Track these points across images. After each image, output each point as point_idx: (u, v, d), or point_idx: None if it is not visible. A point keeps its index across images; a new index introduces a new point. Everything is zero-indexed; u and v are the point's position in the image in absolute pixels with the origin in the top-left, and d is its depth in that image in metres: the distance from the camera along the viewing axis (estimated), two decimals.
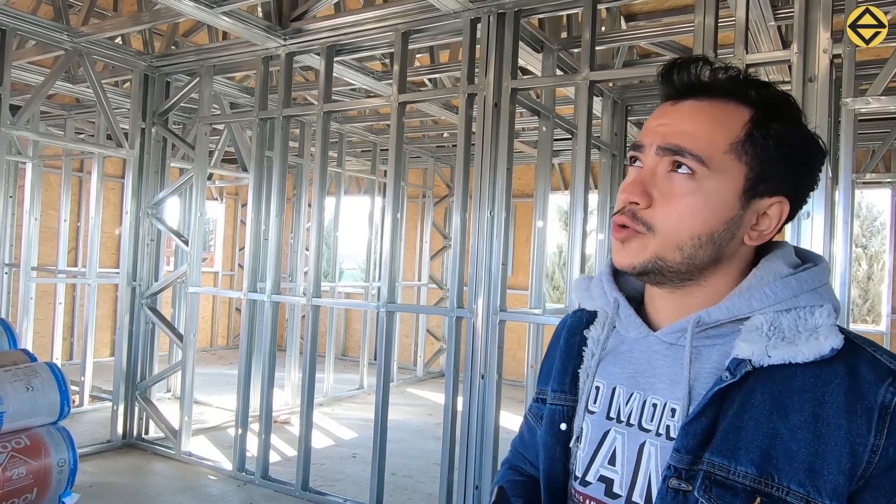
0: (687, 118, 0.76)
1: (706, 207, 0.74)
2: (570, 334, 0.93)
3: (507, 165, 3.35)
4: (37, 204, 5.73)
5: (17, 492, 3.20)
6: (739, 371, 0.71)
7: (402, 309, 3.95)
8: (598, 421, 0.83)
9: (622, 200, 0.77)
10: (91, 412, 5.56)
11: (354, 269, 11.54)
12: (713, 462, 0.70)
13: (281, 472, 4.18)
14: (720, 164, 0.73)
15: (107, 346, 7.76)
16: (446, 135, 7.23)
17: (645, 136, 0.78)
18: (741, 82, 0.76)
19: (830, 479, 0.65)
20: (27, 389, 3.33)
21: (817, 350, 0.68)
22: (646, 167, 0.77)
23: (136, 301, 4.84)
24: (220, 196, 9.77)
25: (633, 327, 0.84)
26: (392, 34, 3.74)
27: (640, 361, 0.82)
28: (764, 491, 0.67)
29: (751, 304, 0.74)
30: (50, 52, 4.51)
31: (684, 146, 0.74)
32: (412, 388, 7.49)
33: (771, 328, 0.71)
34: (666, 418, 0.76)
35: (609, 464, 0.80)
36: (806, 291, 0.74)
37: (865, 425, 0.65)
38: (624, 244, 0.77)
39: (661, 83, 0.80)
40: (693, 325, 0.76)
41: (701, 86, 0.76)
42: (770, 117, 0.75)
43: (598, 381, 0.85)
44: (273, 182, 4.23)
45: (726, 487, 0.68)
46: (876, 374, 0.68)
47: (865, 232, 10.60)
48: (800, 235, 2.68)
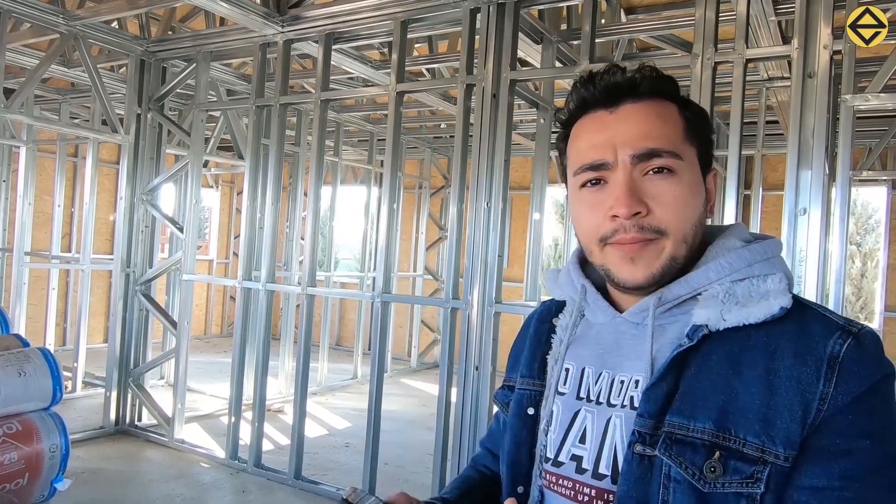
0: (638, 121, 0.78)
1: (691, 195, 0.78)
2: (540, 322, 0.95)
3: (505, 157, 3.33)
4: (31, 188, 5.69)
5: (9, 477, 3.20)
6: (697, 335, 0.74)
7: (398, 299, 3.95)
8: (568, 402, 0.84)
9: (624, 214, 0.76)
10: (84, 398, 5.55)
11: (350, 259, 11.53)
12: (673, 423, 0.72)
13: (274, 461, 4.18)
14: (684, 153, 0.78)
15: (100, 333, 7.73)
16: (443, 125, 7.21)
17: (602, 151, 0.78)
18: (660, 79, 0.80)
19: (783, 427, 0.68)
20: (19, 374, 3.32)
21: (767, 310, 0.72)
22: (621, 179, 0.77)
23: (129, 288, 4.82)
24: (216, 183, 9.73)
25: (600, 311, 0.86)
26: (391, 23, 3.71)
27: (608, 342, 0.84)
28: (722, 444, 0.69)
29: (708, 275, 0.77)
30: (45, 35, 4.46)
31: (657, 147, 0.76)
32: (406, 379, 7.50)
33: (726, 295, 0.75)
34: (630, 390, 0.78)
35: (580, 442, 0.81)
36: (759, 261, 0.77)
37: (815, 374, 0.68)
38: (635, 259, 0.77)
39: (591, 92, 0.80)
40: (655, 301, 0.78)
41: (631, 89, 0.79)
42: (685, 104, 0.82)
43: (567, 364, 0.87)
44: (269, 170, 4.21)
45: (686, 444, 0.71)
46: (825, 328, 0.71)
47: (860, 230, 10.64)
48: (796, 232, 2.68)
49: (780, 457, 0.67)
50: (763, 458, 0.67)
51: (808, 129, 2.67)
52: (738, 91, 2.81)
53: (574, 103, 0.83)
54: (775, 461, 0.67)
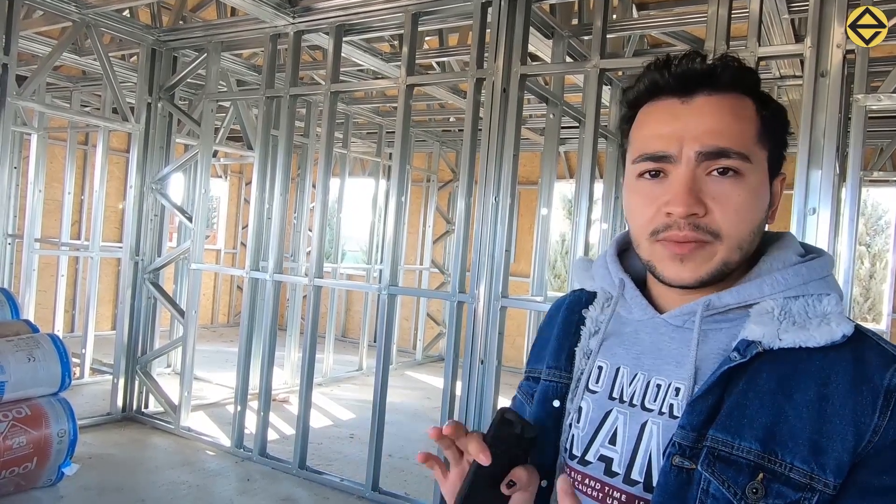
0: (711, 116, 0.73)
1: (756, 200, 0.74)
2: (570, 312, 0.92)
3: (514, 152, 3.33)
4: (41, 176, 5.73)
5: (18, 461, 3.24)
6: (749, 352, 0.71)
7: (404, 292, 3.95)
8: (599, 401, 0.82)
9: (680, 214, 0.72)
10: (91, 385, 5.60)
11: (357, 251, 11.55)
12: (717, 438, 0.70)
13: (279, 450, 4.21)
14: (754, 155, 0.74)
15: (108, 320, 7.79)
16: (452, 119, 7.20)
17: (667, 143, 0.74)
18: (741, 71, 0.75)
19: (835, 456, 0.66)
20: (29, 360, 3.36)
21: (829, 335, 0.69)
22: (683, 175, 0.72)
23: (138, 276, 4.85)
24: (225, 174, 9.76)
25: (638, 308, 0.83)
26: (402, 15, 3.71)
27: (646, 343, 0.81)
28: (767, 467, 0.67)
29: (762, 289, 0.74)
30: (57, 23, 4.48)
31: (727, 146, 0.72)
32: (411, 372, 7.52)
33: (782, 312, 0.72)
34: (670, 398, 0.76)
35: (609, 443, 0.79)
36: (815, 279, 0.75)
37: (871, 406, 0.66)
38: (685, 259, 0.73)
39: (665, 77, 0.75)
40: (703, 307, 0.76)
41: (709, 80, 0.74)
42: (763, 102, 0.76)
43: (601, 361, 0.84)
44: (278, 161, 4.22)
45: (729, 463, 0.69)
46: (882, 360, 0.69)
47: (869, 230, 10.57)
48: (805, 232, 2.66)
49: (829, 485, 0.65)
50: (811, 486, 0.66)
51: (819, 129, 2.65)
52: None
53: (645, 85, 0.78)
54: (824, 489, 0.65)
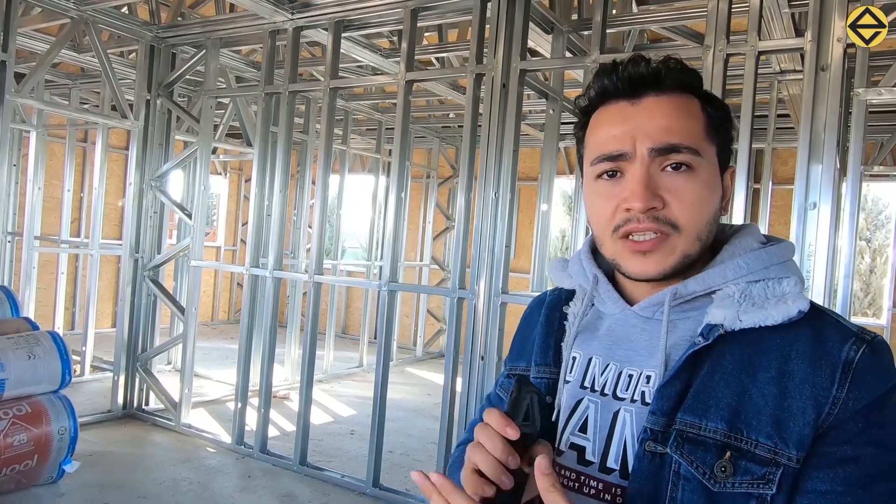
0: (660, 114, 0.76)
1: (709, 192, 0.78)
2: (551, 310, 0.94)
3: (514, 147, 3.32)
4: (41, 173, 5.73)
5: (18, 458, 3.24)
6: (712, 335, 0.74)
7: (404, 288, 3.95)
8: (571, 390, 0.84)
9: (639, 209, 0.75)
10: (92, 382, 5.60)
11: (357, 248, 11.55)
12: (685, 421, 0.72)
13: (279, 447, 4.21)
14: (704, 150, 0.77)
15: (108, 317, 7.79)
16: (452, 115, 7.19)
17: (621, 143, 0.77)
18: (685, 73, 0.79)
19: (796, 430, 0.68)
20: (29, 357, 3.35)
21: (785, 312, 0.72)
22: (638, 172, 0.75)
23: (138, 273, 4.85)
24: (224, 171, 9.75)
25: (611, 302, 0.85)
26: (401, 10, 3.69)
27: (618, 334, 0.84)
28: (734, 445, 0.70)
29: (724, 274, 0.77)
30: (56, 20, 4.46)
31: (677, 142, 0.75)
32: (411, 368, 7.52)
33: (742, 296, 0.75)
34: (641, 385, 0.78)
35: (580, 431, 0.81)
36: (775, 264, 0.78)
37: (829, 379, 0.69)
38: (647, 253, 0.76)
39: (613, 82, 0.79)
40: (670, 297, 0.78)
41: (655, 81, 0.78)
42: (708, 99, 0.81)
43: (574, 352, 0.86)
44: (277, 158, 4.21)
45: (697, 444, 0.71)
46: (840, 335, 0.71)
47: (870, 225, 10.57)
48: (805, 227, 2.66)
49: (792, 459, 0.68)
50: (775, 460, 0.68)
51: (819, 123, 2.65)
52: (750, 84, 2.78)
53: (595, 92, 0.82)
54: (788, 463, 0.68)
